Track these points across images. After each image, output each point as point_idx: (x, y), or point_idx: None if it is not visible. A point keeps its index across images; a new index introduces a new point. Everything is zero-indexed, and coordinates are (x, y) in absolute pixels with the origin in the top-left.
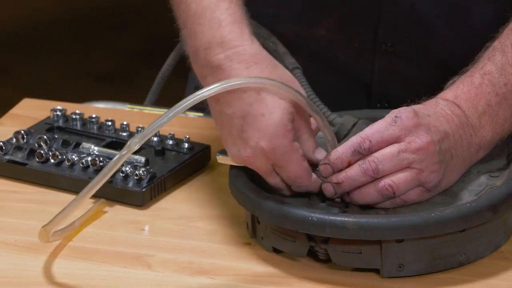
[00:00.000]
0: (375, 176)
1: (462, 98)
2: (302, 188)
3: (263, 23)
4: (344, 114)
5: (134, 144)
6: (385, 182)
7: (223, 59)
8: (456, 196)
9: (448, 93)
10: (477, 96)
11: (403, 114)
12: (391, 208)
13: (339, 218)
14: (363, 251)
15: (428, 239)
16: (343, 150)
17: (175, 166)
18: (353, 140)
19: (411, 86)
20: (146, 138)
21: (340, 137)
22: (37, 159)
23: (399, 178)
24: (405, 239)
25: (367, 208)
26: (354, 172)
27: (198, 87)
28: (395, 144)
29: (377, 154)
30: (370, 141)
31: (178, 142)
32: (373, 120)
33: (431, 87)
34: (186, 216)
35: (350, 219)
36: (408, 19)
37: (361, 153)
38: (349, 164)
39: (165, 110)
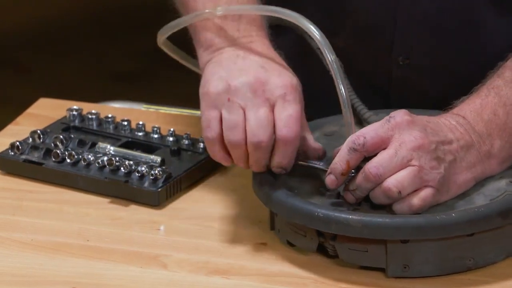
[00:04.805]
0: (379, 180)
1: (467, 109)
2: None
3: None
4: (379, 112)
5: None
6: (388, 183)
7: None
8: (470, 200)
9: (454, 109)
10: (482, 106)
11: (397, 114)
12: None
13: (343, 215)
14: (369, 249)
15: (434, 241)
16: (340, 152)
17: (191, 166)
18: (348, 139)
19: (429, 97)
20: None
21: None
22: (53, 159)
23: (402, 177)
24: (410, 240)
25: (378, 207)
26: (359, 180)
27: None
28: (390, 146)
29: (375, 159)
30: (365, 137)
31: (194, 142)
32: None
33: (448, 99)
34: (202, 216)
35: (354, 217)
36: (422, 33)
37: (357, 150)
38: (348, 165)
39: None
